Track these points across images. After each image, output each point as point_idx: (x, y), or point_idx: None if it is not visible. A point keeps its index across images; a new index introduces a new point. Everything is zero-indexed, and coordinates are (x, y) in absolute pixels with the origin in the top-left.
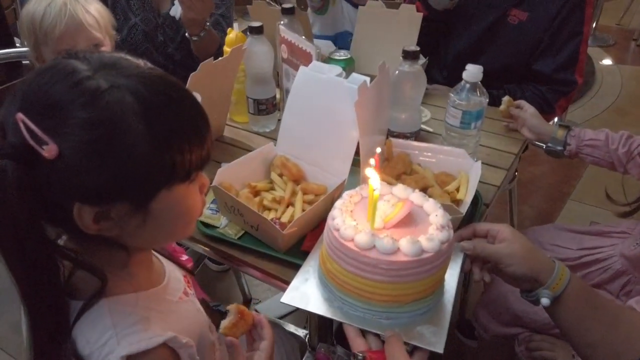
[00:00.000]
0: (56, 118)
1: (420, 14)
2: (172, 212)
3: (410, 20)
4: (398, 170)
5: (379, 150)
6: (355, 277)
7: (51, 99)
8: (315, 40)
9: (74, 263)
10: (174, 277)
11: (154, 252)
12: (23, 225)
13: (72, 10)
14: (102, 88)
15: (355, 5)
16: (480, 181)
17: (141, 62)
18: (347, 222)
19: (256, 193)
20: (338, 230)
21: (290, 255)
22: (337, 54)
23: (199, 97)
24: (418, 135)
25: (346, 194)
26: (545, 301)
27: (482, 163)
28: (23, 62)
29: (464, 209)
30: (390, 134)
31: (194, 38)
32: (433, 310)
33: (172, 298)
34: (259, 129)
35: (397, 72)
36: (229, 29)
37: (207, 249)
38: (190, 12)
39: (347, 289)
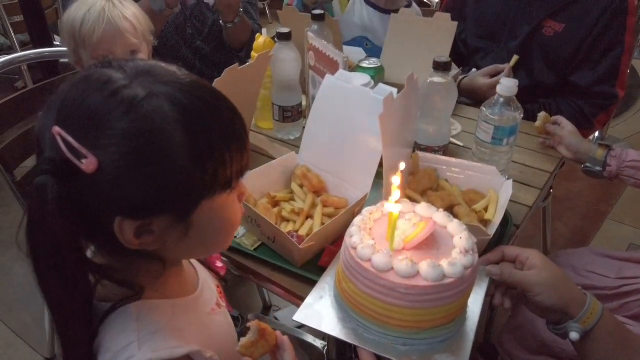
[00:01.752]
0: (94, 130)
1: (455, 23)
2: (214, 222)
3: (444, 29)
4: (424, 186)
5: (402, 166)
6: (371, 299)
7: (88, 110)
8: (346, 48)
9: (109, 279)
10: (208, 287)
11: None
12: (63, 243)
13: (109, 17)
14: (140, 96)
15: (385, 11)
16: (511, 200)
17: (175, 67)
18: (365, 241)
19: (275, 203)
20: (355, 249)
21: (307, 270)
22: (367, 62)
23: None
24: (447, 150)
25: (366, 210)
26: (574, 335)
27: (514, 181)
28: (60, 60)
29: (492, 230)
30: (418, 147)
31: (229, 25)
32: (453, 338)
33: (204, 309)
34: (283, 136)
35: (427, 82)
36: (258, 34)
37: (222, 258)
38: None
39: (363, 311)
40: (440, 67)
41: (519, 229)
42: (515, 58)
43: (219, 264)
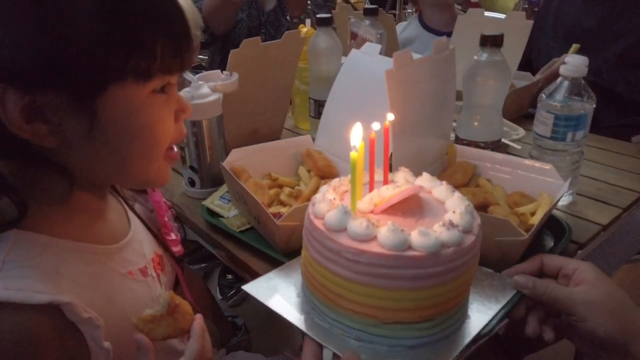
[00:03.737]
0: None
1: (531, 22)
2: (125, 123)
3: (518, 28)
4: (455, 181)
5: (390, 117)
6: (318, 266)
7: None
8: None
9: None
10: (137, 249)
11: (127, 211)
12: None
13: None
14: None
15: (438, 33)
16: (577, 216)
17: None
18: (328, 195)
19: (277, 187)
20: (314, 205)
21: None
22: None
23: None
24: (497, 149)
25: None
26: None
27: (589, 198)
28: None
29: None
30: (459, 141)
31: (295, 20)
32: (430, 347)
33: (117, 268)
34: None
35: (472, 62)
36: (301, 24)
37: (199, 236)
38: None
39: (314, 286)
40: (489, 41)
41: (583, 250)
42: (574, 47)
43: (173, 237)
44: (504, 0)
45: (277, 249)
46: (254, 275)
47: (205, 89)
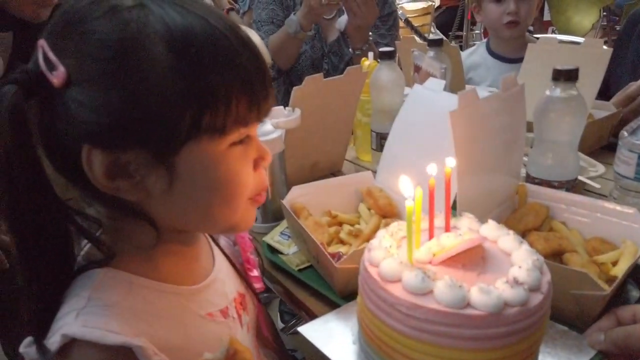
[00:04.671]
0: (70, 37)
1: (610, 50)
2: (203, 177)
3: (596, 58)
4: (526, 224)
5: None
6: (372, 317)
7: (70, 17)
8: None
9: (76, 228)
10: (219, 289)
11: (213, 250)
12: (15, 163)
13: None
14: (126, 5)
15: (509, 61)
16: None
17: None
18: (384, 242)
19: (337, 224)
20: (370, 251)
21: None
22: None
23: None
24: (574, 189)
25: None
26: None
27: None
28: None
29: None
30: (530, 180)
31: (357, 52)
32: None
33: (198, 309)
34: None
35: (543, 97)
36: (364, 58)
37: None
38: (356, 18)
39: (369, 335)
40: (562, 76)
41: None
42: None
43: (255, 273)
44: (580, 18)
45: (336, 291)
46: (311, 315)
47: (268, 126)
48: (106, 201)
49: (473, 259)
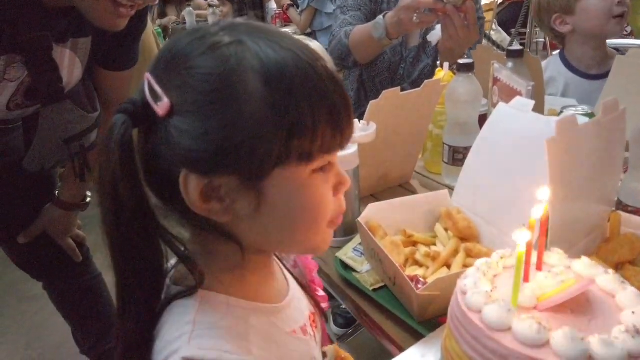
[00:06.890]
0: (173, 71)
1: None
2: (288, 200)
3: None
4: (620, 257)
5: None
6: None
7: (173, 53)
8: (554, 99)
9: (171, 249)
10: (297, 306)
11: (283, 270)
12: (122, 189)
13: None
14: (225, 41)
15: (588, 77)
16: None
17: (290, 33)
18: (481, 285)
19: (412, 244)
20: (465, 294)
21: (427, 328)
22: (574, 108)
23: None
24: None
25: (497, 254)
26: None
27: None
28: None
29: None
30: (622, 207)
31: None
32: None
33: (284, 326)
34: (451, 182)
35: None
36: (439, 68)
37: (330, 287)
38: (450, 41)
39: None
40: None
41: None
42: None
43: (321, 293)
44: None
45: (414, 316)
46: (384, 335)
47: None
48: (200, 223)
49: (579, 302)
